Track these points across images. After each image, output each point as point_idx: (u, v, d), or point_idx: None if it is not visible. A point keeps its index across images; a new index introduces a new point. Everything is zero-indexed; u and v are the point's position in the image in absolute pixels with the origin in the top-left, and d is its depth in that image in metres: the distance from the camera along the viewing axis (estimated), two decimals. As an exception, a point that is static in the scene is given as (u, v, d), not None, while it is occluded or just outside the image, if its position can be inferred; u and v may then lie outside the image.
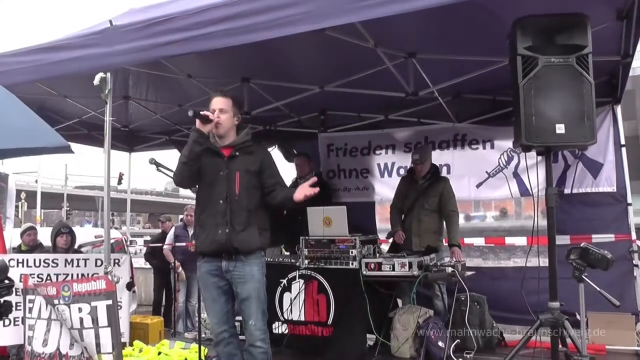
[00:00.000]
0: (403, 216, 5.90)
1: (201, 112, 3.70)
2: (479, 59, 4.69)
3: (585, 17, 3.30)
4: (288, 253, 6.27)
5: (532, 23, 3.34)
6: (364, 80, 5.14)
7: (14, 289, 2.71)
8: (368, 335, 5.12)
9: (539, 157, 3.93)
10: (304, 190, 3.58)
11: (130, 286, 5.28)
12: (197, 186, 3.91)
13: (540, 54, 3.31)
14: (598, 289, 3.28)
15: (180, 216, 9.74)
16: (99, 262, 5.01)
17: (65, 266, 5.08)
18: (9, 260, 4.82)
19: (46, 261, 5.09)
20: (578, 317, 3.85)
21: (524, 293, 4.21)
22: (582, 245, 3.30)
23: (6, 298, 2.36)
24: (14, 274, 4.36)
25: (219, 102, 3.79)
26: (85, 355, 4.18)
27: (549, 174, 3.58)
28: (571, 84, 3.31)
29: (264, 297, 3.76)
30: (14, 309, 3.41)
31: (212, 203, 3.76)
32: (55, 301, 4.26)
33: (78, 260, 5.16)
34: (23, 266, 4.99)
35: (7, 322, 4.75)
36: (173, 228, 8.29)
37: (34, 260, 5.08)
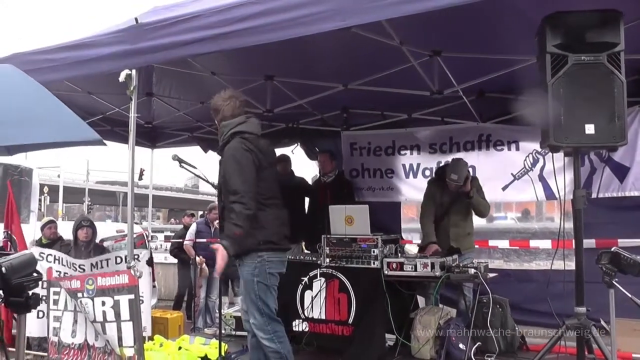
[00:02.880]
0: (434, 220, 5.73)
1: None
2: (504, 57, 4.63)
3: (618, 13, 3.21)
4: (309, 251, 6.26)
5: (562, 20, 3.26)
6: (388, 79, 5.11)
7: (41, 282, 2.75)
8: (388, 336, 5.09)
9: (566, 159, 3.86)
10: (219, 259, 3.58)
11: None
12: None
13: (570, 52, 3.23)
14: (629, 295, 3.19)
15: (200, 212, 9.80)
16: (118, 260, 5.09)
17: (91, 270, 5.12)
18: (39, 253, 4.86)
19: (74, 265, 5.14)
20: (603, 323, 3.77)
21: (547, 297, 4.15)
22: (612, 249, 3.21)
23: (34, 291, 2.40)
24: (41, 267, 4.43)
25: None
26: (109, 347, 4.23)
27: (577, 175, 3.50)
28: (602, 82, 3.23)
29: (256, 297, 3.77)
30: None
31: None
32: (79, 294, 4.31)
33: (101, 261, 5.22)
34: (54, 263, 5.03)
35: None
36: (194, 224, 8.34)
37: (67, 262, 5.12)
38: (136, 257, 5.10)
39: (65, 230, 6.86)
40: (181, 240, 8.67)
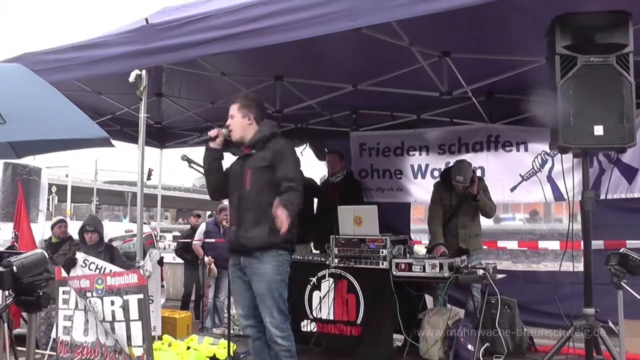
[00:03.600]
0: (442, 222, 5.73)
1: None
2: (514, 58, 4.63)
3: (626, 14, 3.20)
4: (318, 251, 6.26)
5: (572, 21, 3.25)
6: (397, 79, 5.12)
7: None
8: (396, 336, 5.10)
9: (575, 160, 3.85)
10: (280, 215, 3.50)
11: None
12: None
13: (580, 53, 3.22)
14: (638, 296, 3.19)
15: (208, 212, 9.82)
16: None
17: None
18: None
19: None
20: (611, 324, 3.76)
21: (555, 297, 4.15)
22: (621, 251, 3.20)
23: (45, 290, 2.41)
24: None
25: (229, 110, 3.95)
26: (118, 346, 4.25)
27: (586, 176, 3.50)
28: (610, 84, 3.21)
29: (278, 295, 3.75)
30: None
31: (231, 203, 3.93)
32: (88, 294, 4.34)
33: None
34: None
35: None
36: (203, 224, 8.36)
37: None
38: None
39: (74, 229, 6.91)
40: (187, 240, 8.70)
